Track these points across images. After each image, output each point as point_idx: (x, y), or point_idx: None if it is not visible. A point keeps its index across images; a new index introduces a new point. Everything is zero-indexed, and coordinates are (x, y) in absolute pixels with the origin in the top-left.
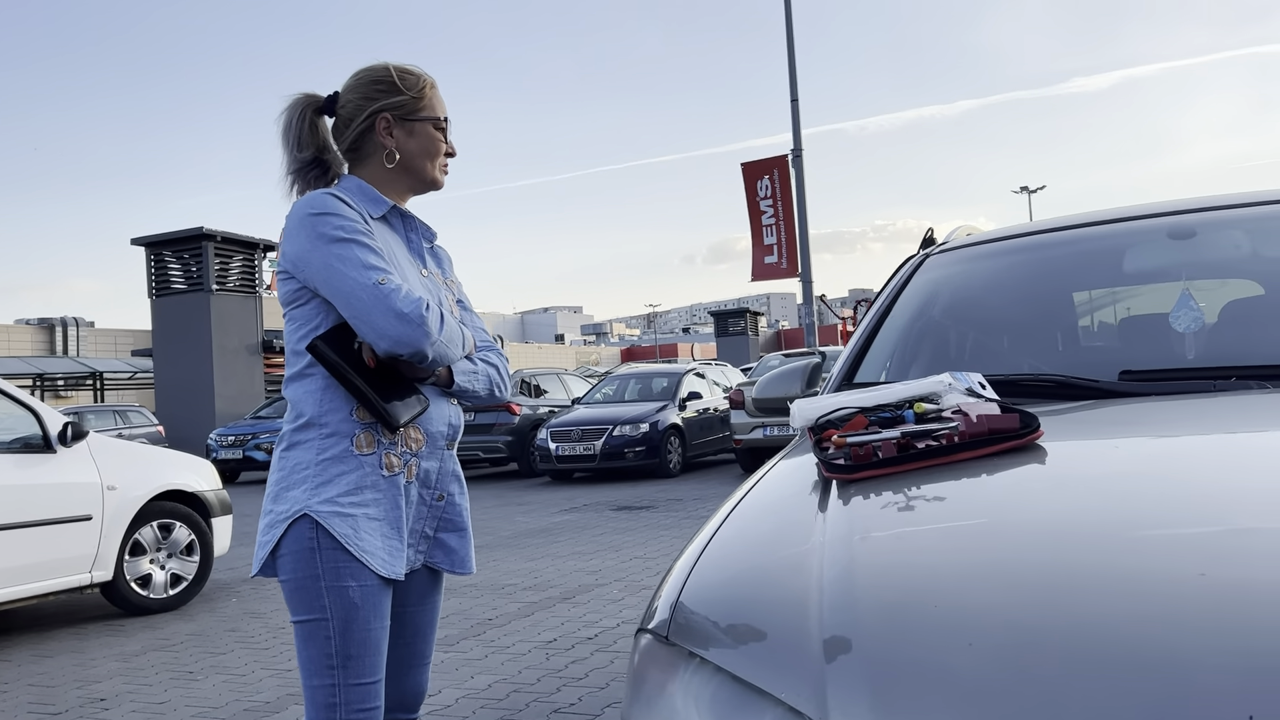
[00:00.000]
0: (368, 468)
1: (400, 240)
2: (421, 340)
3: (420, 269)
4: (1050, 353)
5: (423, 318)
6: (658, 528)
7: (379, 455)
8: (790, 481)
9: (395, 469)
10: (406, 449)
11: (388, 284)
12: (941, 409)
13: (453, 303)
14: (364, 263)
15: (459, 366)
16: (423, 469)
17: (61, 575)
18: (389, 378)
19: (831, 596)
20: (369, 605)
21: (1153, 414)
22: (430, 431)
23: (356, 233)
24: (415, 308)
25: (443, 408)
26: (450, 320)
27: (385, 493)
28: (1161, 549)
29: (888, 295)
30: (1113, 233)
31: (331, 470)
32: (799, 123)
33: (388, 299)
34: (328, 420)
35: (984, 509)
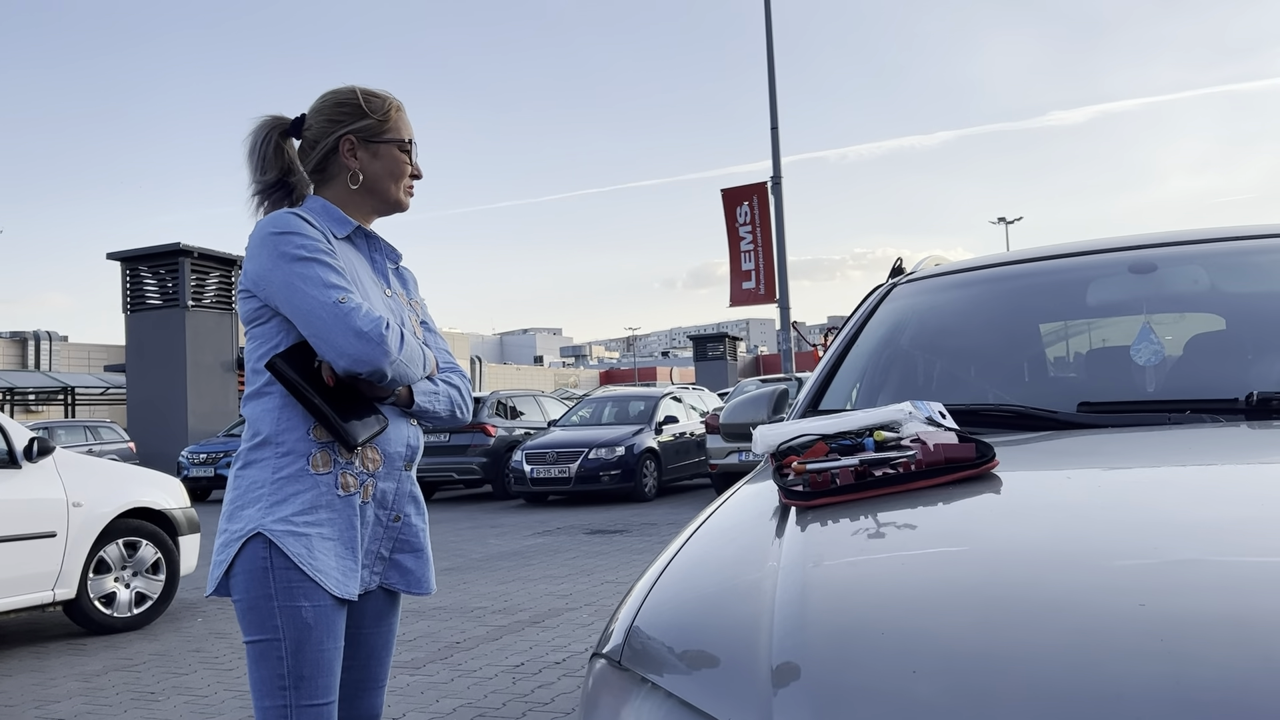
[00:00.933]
0: (323, 487)
1: (364, 260)
2: (380, 359)
3: (384, 289)
4: (1013, 383)
5: (382, 336)
6: (630, 552)
7: (335, 475)
8: (750, 507)
9: (351, 489)
10: (363, 469)
11: (348, 302)
12: (901, 437)
13: (416, 323)
14: (325, 281)
15: (419, 386)
16: (379, 489)
17: (24, 593)
18: (348, 397)
19: (782, 622)
20: (322, 626)
21: (1107, 445)
22: (388, 452)
23: (318, 251)
24: (375, 326)
25: (401, 429)
26: (411, 340)
27: (340, 512)
28: (1105, 579)
29: (855, 323)
30: (1076, 265)
31: (287, 489)
32: (779, 150)
33: (347, 317)
34: (284, 439)
35: (936, 537)
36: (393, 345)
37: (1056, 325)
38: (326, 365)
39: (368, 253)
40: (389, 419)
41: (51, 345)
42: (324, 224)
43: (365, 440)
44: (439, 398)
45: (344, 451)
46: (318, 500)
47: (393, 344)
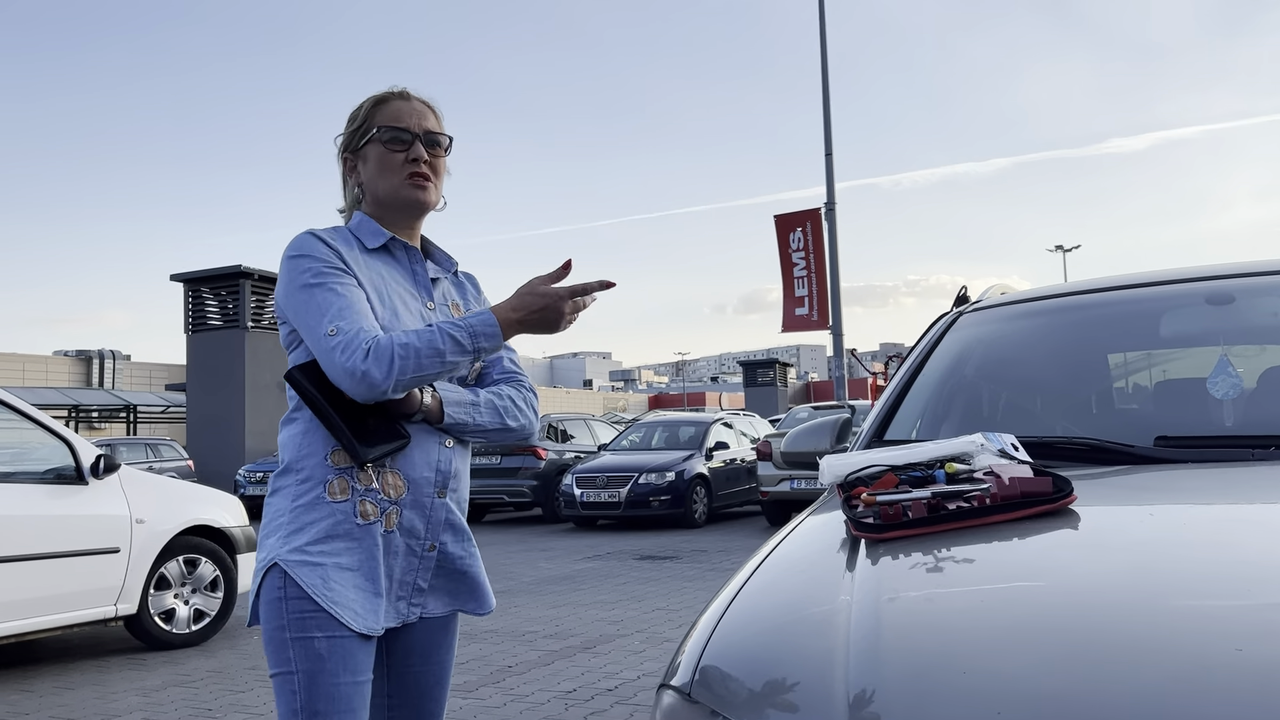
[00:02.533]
0: (340, 515)
1: (403, 273)
2: (366, 390)
3: (425, 301)
4: (1084, 415)
5: (361, 373)
6: (681, 579)
7: (353, 503)
8: (818, 538)
9: (370, 517)
10: (384, 496)
11: (337, 335)
12: (973, 470)
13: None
14: (323, 310)
15: (450, 398)
16: (406, 517)
17: (87, 607)
18: (369, 411)
19: (858, 658)
20: (337, 659)
21: (1189, 481)
22: (412, 478)
23: (323, 275)
24: (353, 361)
25: (430, 451)
26: (417, 348)
27: (360, 541)
28: (1197, 621)
29: (920, 352)
30: (1149, 296)
31: (304, 518)
32: (833, 176)
33: (332, 353)
34: (304, 465)
35: (1015, 573)
36: (378, 372)
37: (1131, 356)
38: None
39: (407, 264)
40: (415, 438)
41: (115, 364)
42: (351, 239)
43: (378, 456)
44: (479, 409)
45: (362, 476)
46: (334, 529)
47: (378, 371)
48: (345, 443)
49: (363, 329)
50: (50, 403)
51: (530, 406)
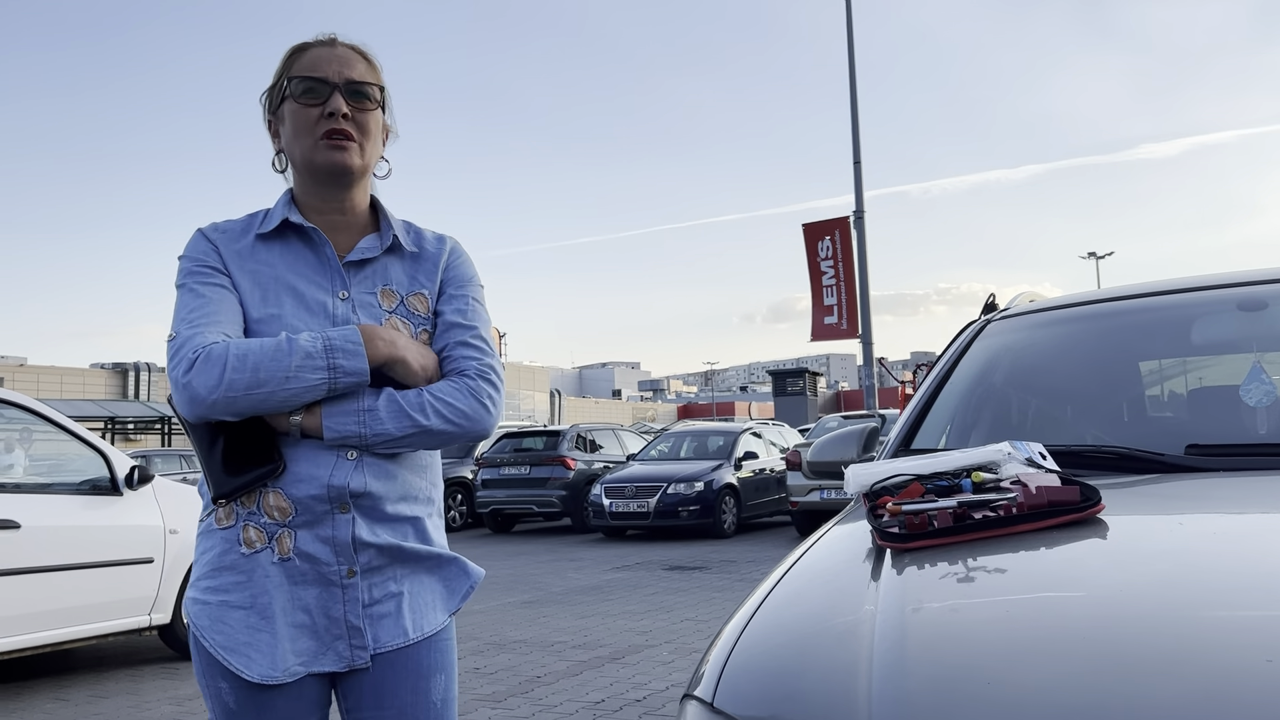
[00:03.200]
0: (225, 544)
1: (310, 258)
2: (187, 404)
3: (336, 291)
4: (1114, 423)
5: (183, 384)
6: (710, 589)
7: (236, 529)
8: (843, 548)
9: (256, 544)
10: (269, 519)
11: (172, 341)
12: (1000, 479)
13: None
14: (176, 314)
15: (332, 408)
16: (301, 540)
17: (121, 617)
18: (243, 430)
19: (882, 668)
20: (248, 711)
21: (1221, 490)
22: (297, 497)
23: (187, 276)
24: (176, 371)
25: (320, 465)
26: (267, 361)
27: (248, 574)
28: (1226, 633)
29: (947, 360)
30: (1180, 302)
31: (199, 548)
32: (861, 184)
33: (168, 361)
34: (203, 487)
35: (1042, 584)
36: (201, 384)
37: (1162, 363)
38: None
39: (317, 246)
40: (302, 453)
41: (150, 376)
42: (252, 225)
43: (235, 489)
44: (377, 415)
45: (243, 498)
46: (221, 560)
47: (202, 383)
48: (205, 470)
49: (197, 334)
50: (87, 415)
51: (471, 396)
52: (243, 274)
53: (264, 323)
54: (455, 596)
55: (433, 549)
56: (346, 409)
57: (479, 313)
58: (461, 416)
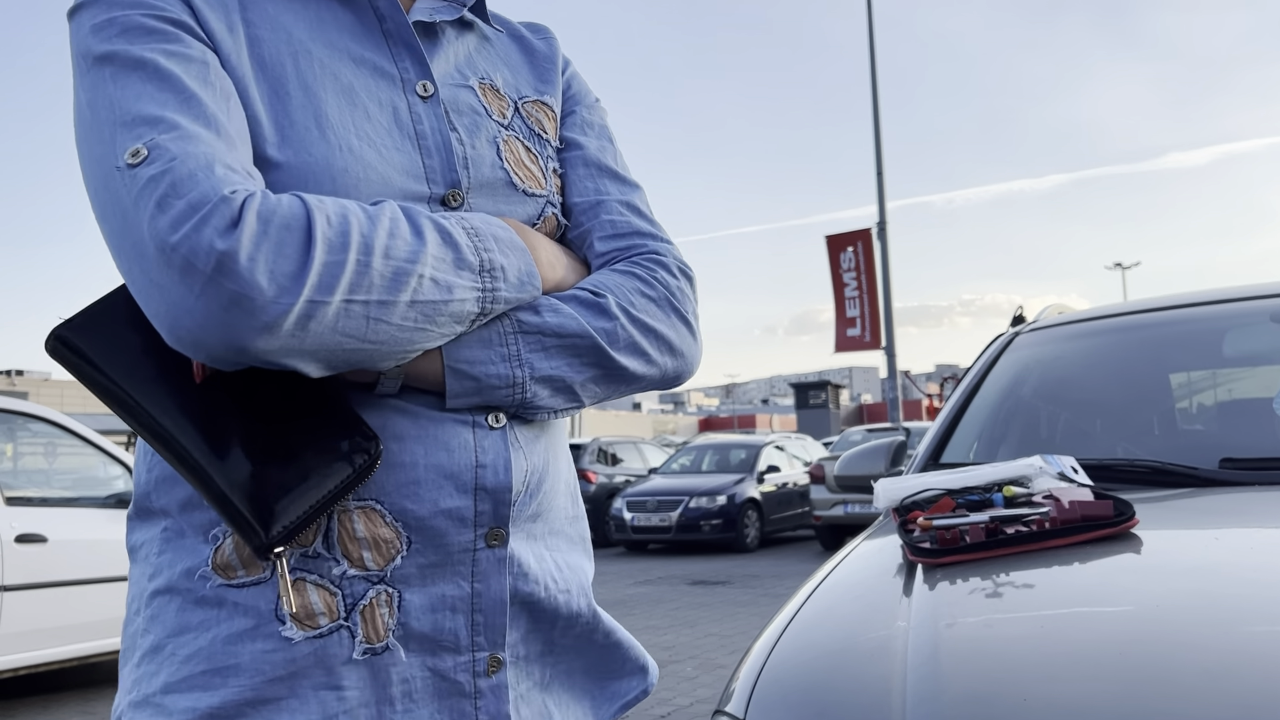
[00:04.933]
0: (241, 621)
1: (353, 24)
2: (221, 318)
3: (413, 84)
4: (1146, 437)
5: (218, 258)
6: (734, 604)
7: (275, 588)
8: (873, 563)
9: (320, 621)
10: (351, 564)
11: (145, 163)
12: (1032, 493)
13: (517, 160)
14: (121, 112)
15: (478, 340)
16: (408, 608)
17: None
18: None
19: (915, 685)
20: None
21: (1257, 504)
22: (415, 515)
23: (130, 36)
24: (194, 230)
25: (449, 446)
26: (381, 237)
27: (292, 684)
28: (1266, 648)
29: (976, 373)
30: (1212, 314)
31: (161, 623)
32: (884, 195)
33: (132, 206)
34: (158, 499)
35: (1076, 599)
36: (267, 272)
37: (1193, 376)
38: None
39: (361, 3)
40: (403, 427)
41: None
42: None
43: (302, 520)
44: (539, 346)
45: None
46: (230, 653)
47: (268, 269)
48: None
49: (219, 159)
50: (111, 428)
51: (670, 310)
52: (235, 47)
53: (291, 148)
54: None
55: (601, 620)
56: (484, 336)
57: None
58: (664, 348)
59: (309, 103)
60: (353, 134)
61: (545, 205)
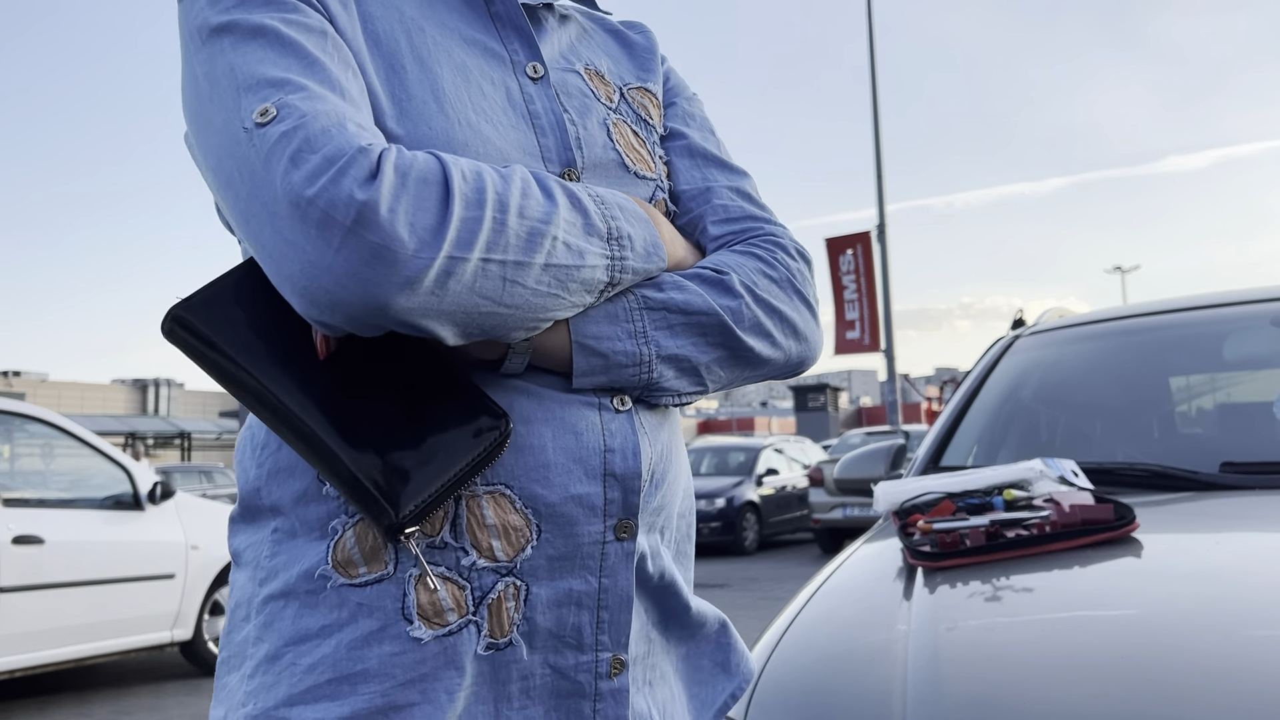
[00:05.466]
0: (371, 620)
1: (458, 7)
2: (363, 272)
3: (522, 66)
4: (1147, 441)
5: (358, 209)
6: (733, 607)
7: (399, 585)
8: (873, 567)
9: (448, 617)
10: (480, 554)
11: (275, 120)
12: (1032, 497)
13: (627, 144)
14: (243, 77)
15: (604, 315)
16: (534, 602)
17: (143, 632)
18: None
19: (916, 688)
20: None
21: (1257, 508)
22: (546, 502)
23: (248, 6)
24: (331, 182)
25: (577, 428)
26: (515, 195)
27: (423, 685)
28: (1266, 652)
29: (976, 377)
30: (1213, 317)
31: (281, 629)
32: (883, 197)
33: (264, 161)
34: (270, 497)
35: (1076, 603)
36: (407, 223)
37: (1194, 379)
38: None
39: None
40: (528, 409)
41: (170, 391)
42: None
43: (432, 499)
44: (665, 325)
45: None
46: (360, 655)
47: (407, 220)
48: (344, 479)
49: (350, 117)
50: (108, 429)
51: (793, 292)
52: (352, 24)
53: (409, 123)
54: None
55: (707, 620)
56: (610, 311)
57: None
58: (789, 331)
59: (425, 78)
60: (470, 109)
61: (655, 189)
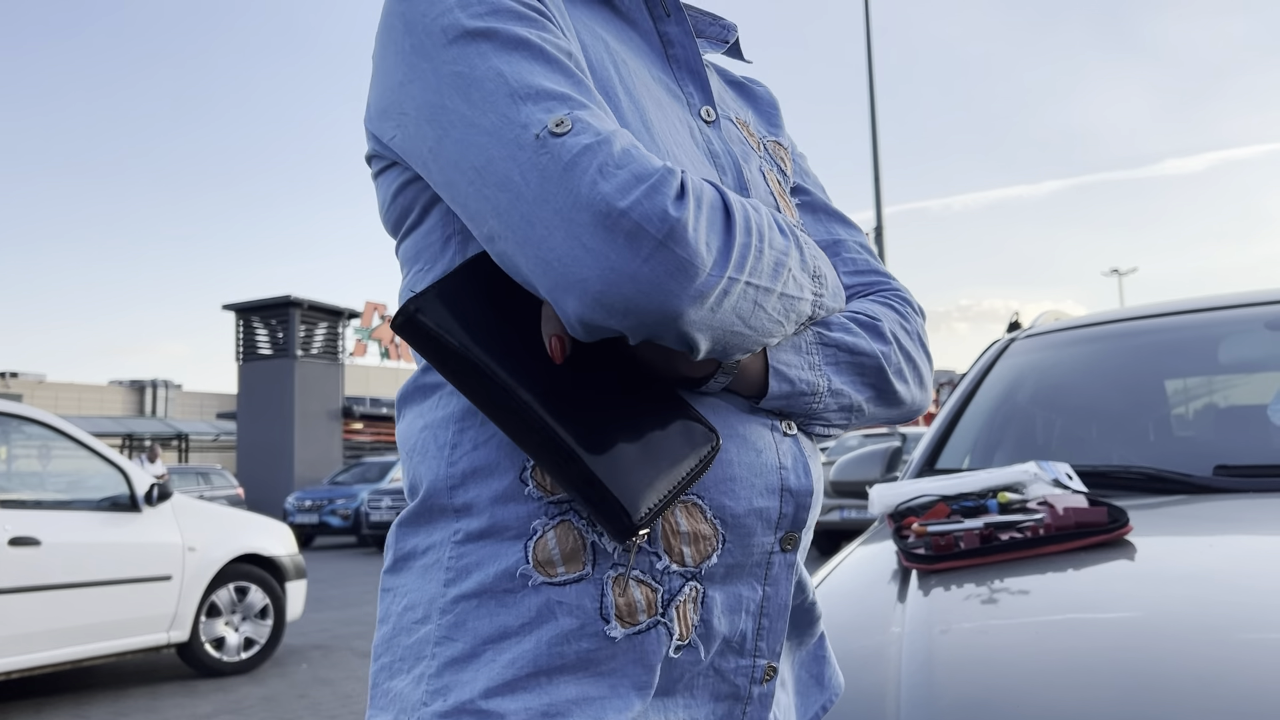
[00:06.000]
0: (568, 619)
1: (640, 40)
2: (672, 289)
3: (697, 108)
4: (1141, 444)
5: (670, 225)
6: None
7: (598, 584)
8: (868, 569)
9: (639, 617)
10: (672, 559)
11: (571, 132)
12: (1026, 499)
13: (778, 193)
14: (517, 84)
15: (791, 346)
16: (709, 607)
17: (140, 634)
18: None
19: (910, 691)
20: None
21: (1250, 512)
22: (733, 513)
23: (501, 16)
24: (645, 196)
25: (760, 447)
26: (765, 224)
27: (613, 683)
28: (1260, 655)
29: (971, 379)
30: (1207, 321)
31: (477, 627)
32: (881, 200)
33: (572, 174)
34: (467, 494)
35: (1070, 606)
36: (703, 244)
37: (1188, 383)
38: (548, 312)
39: (646, 22)
40: (720, 425)
41: (168, 393)
42: None
43: (665, 503)
44: (834, 360)
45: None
46: (562, 650)
47: (703, 240)
48: (583, 482)
49: (632, 139)
50: (105, 431)
51: (920, 343)
52: (570, 42)
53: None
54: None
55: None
56: (795, 343)
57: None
58: (918, 381)
59: (635, 109)
60: (673, 143)
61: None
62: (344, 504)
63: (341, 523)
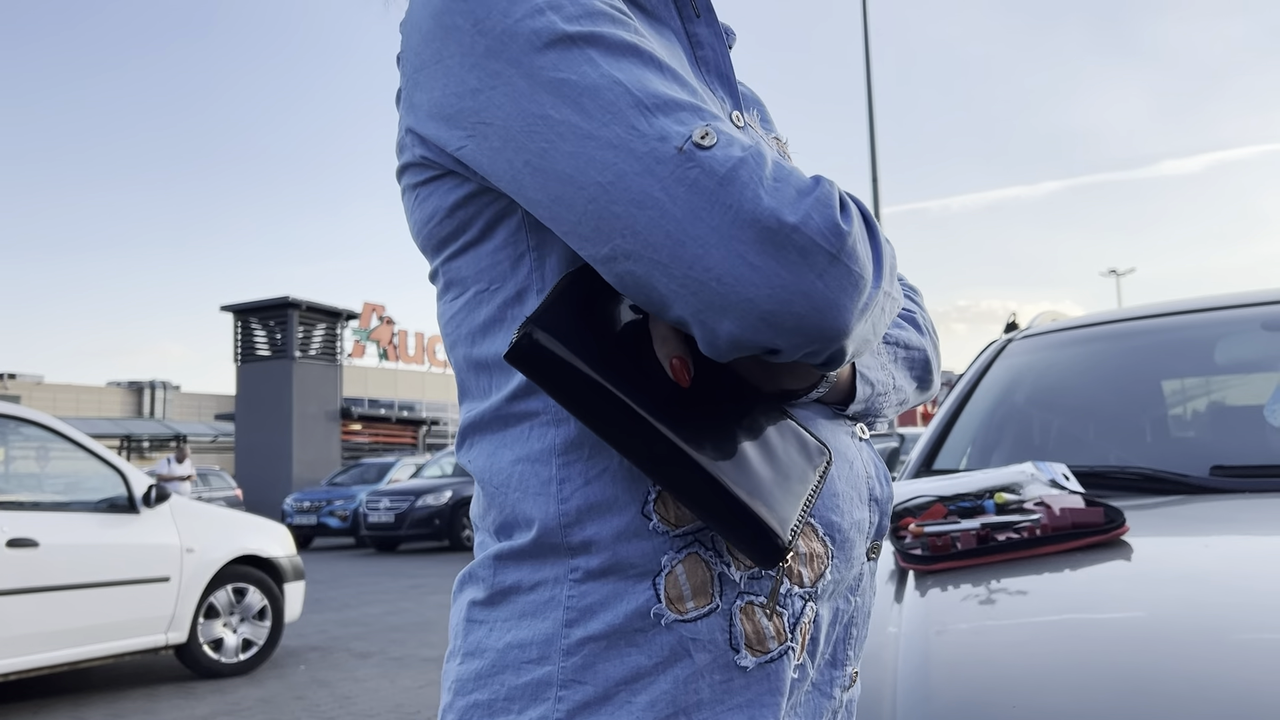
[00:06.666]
0: (704, 655)
1: (672, 49)
2: (845, 306)
3: (729, 110)
4: (1138, 444)
5: (841, 240)
6: None
7: (726, 616)
8: None
9: (770, 645)
10: (794, 580)
11: (719, 145)
12: (1023, 500)
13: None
14: (641, 94)
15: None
16: (819, 624)
17: (138, 635)
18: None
19: (906, 691)
20: None
21: (1247, 512)
22: (839, 527)
23: (598, 20)
24: (816, 208)
25: (852, 460)
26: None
27: (751, 711)
28: (1256, 655)
29: (969, 380)
30: (1204, 322)
31: (607, 667)
32: (879, 200)
33: (729, 189)
34: (583, 530)
35: (1066, 606)
36: (865, 259)
37: (1185, 383)
38: (668, 333)
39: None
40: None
41: (166, 394)
42: None
43: (801, 525)
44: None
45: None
46: (688, 694)
47: (864, 255)
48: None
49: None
50: (103, 432)
51: (935, 336)
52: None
53: None
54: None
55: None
56: (879, 359)
57: None
58: (939, 370)
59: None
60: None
61: None
62: (342, 505)
63: (340, 524)
